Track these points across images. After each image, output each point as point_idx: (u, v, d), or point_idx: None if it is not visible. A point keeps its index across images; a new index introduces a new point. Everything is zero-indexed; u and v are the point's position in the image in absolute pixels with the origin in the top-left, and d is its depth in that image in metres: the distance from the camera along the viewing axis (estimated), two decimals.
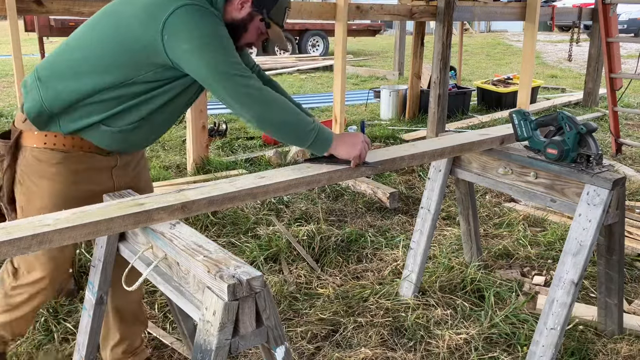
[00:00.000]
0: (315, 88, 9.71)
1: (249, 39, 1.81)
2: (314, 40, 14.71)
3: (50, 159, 1.73)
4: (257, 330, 1.33)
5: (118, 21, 1.65)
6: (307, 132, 1.72)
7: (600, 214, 2.07)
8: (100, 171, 1.82)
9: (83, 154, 1.76)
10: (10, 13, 3.31)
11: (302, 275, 2.98)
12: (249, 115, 1.66)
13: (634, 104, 7.83)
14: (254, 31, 1.80)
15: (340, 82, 4.61)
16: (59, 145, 1.73)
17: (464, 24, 8.91)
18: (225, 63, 1.62)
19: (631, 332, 2.49)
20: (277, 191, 1.75)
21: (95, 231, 1.42)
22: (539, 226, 3.69)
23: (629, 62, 11.61)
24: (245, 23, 1.77)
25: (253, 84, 1.65)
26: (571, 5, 9.47)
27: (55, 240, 1.35)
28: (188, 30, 1.57)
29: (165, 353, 2.38)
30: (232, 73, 1.62)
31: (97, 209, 1.49)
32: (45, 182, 1.75)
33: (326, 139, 1.77)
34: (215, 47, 1.60)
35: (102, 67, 1.65)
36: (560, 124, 2.21)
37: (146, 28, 1.59)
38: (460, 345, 2.41)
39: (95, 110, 1.70)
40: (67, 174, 1.75)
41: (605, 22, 4.98)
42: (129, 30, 1.62)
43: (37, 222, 1.38)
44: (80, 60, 1.68)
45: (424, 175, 4.62)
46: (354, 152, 1.80)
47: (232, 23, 1.75)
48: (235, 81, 1.62)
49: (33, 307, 1.93)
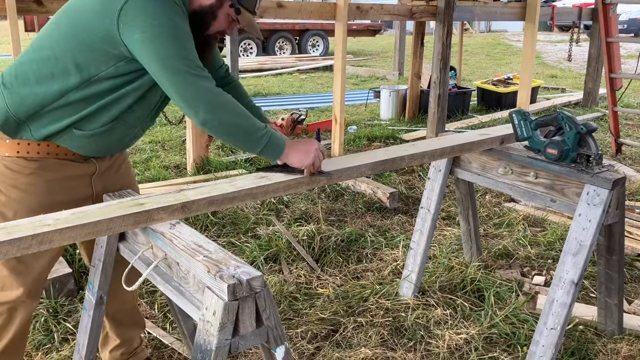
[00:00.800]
0: (315, 88, 9.71)
1: (219, 26, 1.72)
2: (314, 40, 14.71)
3: (23, 169, 1.66)
4: (257, 330, 1.33)
5: (76, 17, 1.58)
6: (258, 138, 1.63)
7: (600, 214, 2.07)
8: (77, 179, 1.75)
9: (58, 162, 1.69)
10: (10, 13, 3.30)
11: (302, 275, 2.98)
12: (195, 117, 1.56)
13: (634, 104, 7.83)
14: (224, 18, 1.70)
15: (340, 82, 4.61)
16: (33, 154, 1.66)
17: (464, 24, 8.91)
18: (177, 57, 1.52)
19: (631, 332, 2.49)
20: (277, 191, 1.75)
21: (96, 231, 1.41)
22: (539, 226, 3.69)
23: (629, 62, 11.61)
24: (213, 10, 1.67)
25: (204, 85, 1.55)
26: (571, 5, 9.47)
27: (55, 240, 1.35)
28: (142, 19, 1.49)
29: (165, 353, 2.38)
30: (182, 69, 1.52)
31: (97, 208, 1.48)
32: (18, 193, 1.67)
33: (278, 146, 1.68)
34: (167, 39, 1.51)
35: (64, 68, 1.58)
36: (560, 124, 2.21)
37: (103, 19, 1.51)
38: (460, 345, 2.41)
39: (64, 113, 1.63)
40: (41, 184, 1.68)
41: (605, 22, 4.98)
42: (87, 24, 1.54)
43: (37, 222, 1.37)
44: (42, 62, 1.60)
45: (424, 175, 4.62)
46: (307, 161, 1.71)
47: (200, 11, 1.66)
48: (184, 78, 1.52)
49: (16, 329, 1.81)
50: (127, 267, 1.64)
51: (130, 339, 2.18)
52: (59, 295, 2.71)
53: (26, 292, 1.77)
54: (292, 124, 6.03)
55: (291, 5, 4.55)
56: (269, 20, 13.00)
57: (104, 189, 1.82)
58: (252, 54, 13.26)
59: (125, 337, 2.16)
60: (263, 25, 13.38)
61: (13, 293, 1.76)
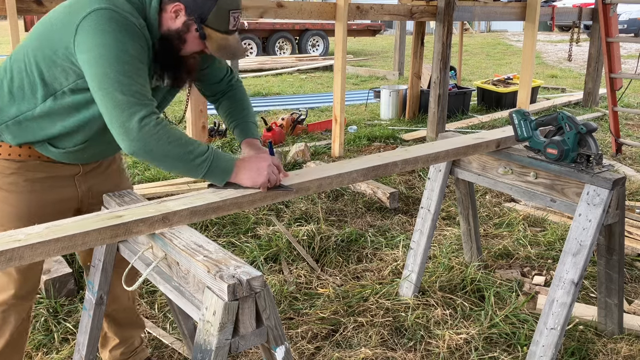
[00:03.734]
0: (315, 88, 9.71)
1: (191, 48, 1.63)
2: (314, 40, 14.72)
3: (4, 169, 1.65)
4: (257, 330, 1.33)
5: (45, 30, 1.56)
6: (196, 165, 1.54)
7: (600, 213, 2.07)
8: (61, 179, 1.73)
9: (40, 163, 1.68)
10: (10, 13, 3.31)
11: (302, 275, 2.98)
12: (122, 144, 1.49)
13: (634, 104, 7.83)
14: (194, 41, 1.61)
15: (340, 82, 4.61)
16: (14, 155, 1.65)
17: (464, 24, 8.91)
18: (114, 81, 1.44)
19: (631, 332, 2.49)
20: (265, 199, 1.68)
21: (70, 246, 1.34)
22: (539, 226, 3.69)
23: (629, 62, 11.61)
24: (180, 34, 1.59)
25: (136, 113, 1.45)
26: (571, 5, 9.47)
27: (26, 257, 1.27)
28: (92, 38, 1.44)
29: (165, 353, 2.38)
30: (116, 95, 1.44)
31: (73, 222, 1.41)
32: (1, 194, 1.66)
33: (223, 170, 1.59)
34: (109, 61, 1.44)
35: (33, 81, 1.56)
36: (560, 124, 2.21)
37: (64, 34, 1.49)
38: (460, 345, 2.41)
39: (36, 129, 1.62)
40: (24, 183, 1.67)
41: (605, 22, 4.98)
42: (51, 38, 1.52)
43: (7, 237, 1.29)
44: (14, 77, 1.59)
45: (424, 175, 4.62)
46: (259, 179, 1.62)
47: (167, 34, 1.59)
48: (117, 104, 1.45)
49: (12, 331, 1.80)
50: (127, 267, 1.64)
51: (129, 338, 2.18)
52: (59, 295, 2.71)
53: (19, 295, 1.77)
54: (292, 124, 6.03)
55: (291, 5, 4.55)
56: (269, 20, 13.00)
57: (89, 188, 1.81)
58: (252, 54, 13.25)
59: (124, 336, 2.16)
60: (263, 25, 13.39)
61: (6, 296, 1.76)
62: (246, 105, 1.96)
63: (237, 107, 1.94)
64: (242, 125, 1.92)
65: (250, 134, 1.91)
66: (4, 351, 1.82)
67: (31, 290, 1.83)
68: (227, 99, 1.95)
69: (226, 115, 1.95)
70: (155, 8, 1.57)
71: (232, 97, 1.95)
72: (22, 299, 1.79)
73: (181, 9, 1.57)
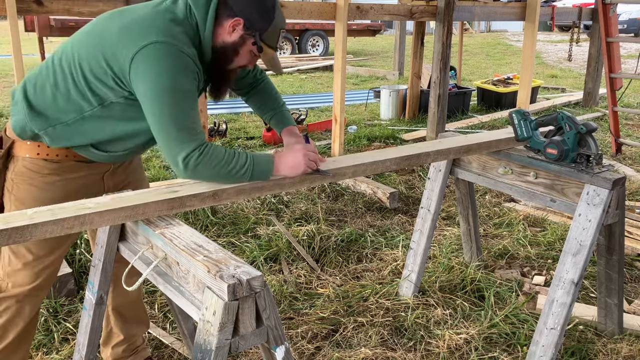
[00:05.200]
0: (315, 88, 9.71)
1: (241, 62, 1.75)
2: (314, 40, 14.72)
3: (42, 169, 1.71)
4: (257, 330, 1.33)
5: (97, 40, 1.61)
6: (240, 176, 1.67)
7: (600, 213, 2.07)
8: (91, 176, 1.81)
9: (75, 163, 1.75)
10: (10, 13, 3.30)
11: (302, 275, 2.98)
12: (177, 173, 1.64)
13: (634, 104, 7.83)
14: (246, 54, 1.73)
15: (340, 82, 4.61)
16: (52, 156, 1.71)
17: (464, 24, 8.91)
18: (171, 122, 1.57)
19: (631, 332, 2.49)
20: (304, 182, 1.83)
21: (132, 214, 1.53)
22: (539, 226, 3.69)
23: (629, 62, 11.61)
24: (236, 47, 1.70)
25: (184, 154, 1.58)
26: (571, 5, 9.46)
27: (95, 222, 1.47)
28: (149, 74, 1.54)
29: (165, 353, 2.38)
30: (170, 132, 1.57)
31: (135, 194, 1.60)
32: (36, 191, 1.72)
33: (265, 171, 1.71)
34: (167, 102, 1.55)
35: (79, 91, 1.62)
36: (560, 124, 2.21)
37: (121, 51, 1.55)
38: (460, 345, 2.41)
39: (84, 134, 1.68)
40: (59, 183, 1.74)
41: (605, 22, 4.98)
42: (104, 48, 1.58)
43: (80, 205, 1.49)
44: (60, 81, 1.64)
45: (424, 175, 4.62)
46: (299, 170, 1.76)
47: (222, 47, 1.69)
48: (171, 139, 1.58)
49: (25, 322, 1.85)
50: (127, 267, 1.64)
51: (133, 335, 2.19)
52: (59, 295, 2.71)
53: (37, 286, 1.81)
54: None
55: (291, 5, 4.55)
56: None
57: (115, 185, 1.88)
58: None
59: (129, 333, 2.17)
60: None
61: (25, 287, 1.80)
62: (276, 95, 2.07)
63: (269, 99, 2.05)
64: (278, 116, 2.03)
65: (288, 122, 2.02)
66: (14, 342, 1.86)
67: (49, 285, 1.88)
68: (257, 91, 2.04)
69: (259, 107, 2.06)
70: (210, 29, 1.66)
71: (262, 89, 2.05)
72: (40, 291, 1.85)
73: (240, 23, 1.67)
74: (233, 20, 1.66)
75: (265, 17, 1.69)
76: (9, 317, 1.82)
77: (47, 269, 1.81)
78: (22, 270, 1.78)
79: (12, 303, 1.81)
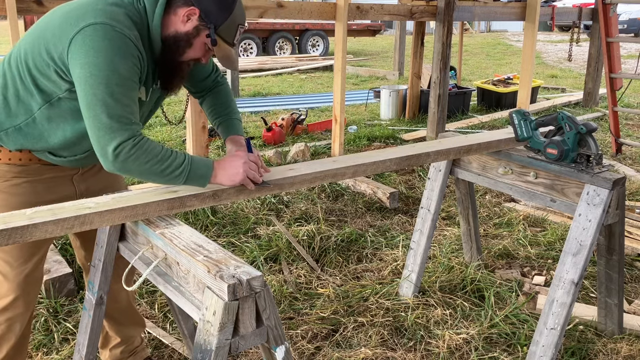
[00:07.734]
0: (315, 88, 9.71)
1: (193, 54, 1.67)
2: (314, 40, 14.72)
3: (5, 174, 1.67)
4: (257, 330, 1.33)
5: (40, 33, 1.55)
6: (174, 177, 1.58)
7: (600, 213, 2.07)
8: (61, 179, 1.76)
9: (41, 167, 1.70)
10: (10, 13, 3.30)
11: (302, 275, 2.98)
12: (104, 164, 1.53)
13: (634, 104, 7.83)
14: (200, 47, 1.65)
15: (340, 82, 4.61)
16: (14, 160, 1.67)
17: (464, 24, 8.91)
18: (102, 104, 1.46)
19: (631, 332, 2.49)
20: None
21: (132, 215, 1.52)
22: (539, 226, 3.69)
23: (629, 62, 11.61)
24: (189, 37, 1.61)
25: (119, 137, 1.48)
26: (571, 5, 9.46)
27: (95, 222, 1.46)
28: (84, 54, 1.45)
29: (165, 353, 2.38)
30: (102, 118, 1.47)
31: (135, 194, 1.61)
32: (3, 196, 1.68)
33: (201, 176, 1.62)
34: (100, 83, 1.46)
35: (27, 90, 1.57)
36: (560, 124, 2.21)
37: (60, 39, 1.49)
38: (460, 345, 2.41)
39: (36, 138, 1.63)
40: (26, 185, 1.69)
41: (605, 22, 4.98)
42: (46, 39, 1.52)
43: (80, 205, 1.49)
44: (10, 81, 1.59)
45: (424, 175, 4.62)
46: (237, 178, 1.65)
47: (174, 36, 1.61)
48: (102, 127, 1.48)
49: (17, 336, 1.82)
50: (127, 267, 1.64)
51: (130, 337, 2.18)
52: (59, 295, 2.71)
53: (22, 297, 1.78)
54: (292, 124, 6.04)
55: (291, 5, 4.55)
56: (269, 20, 13.00)
57: (86, 188, 1.83)
58: (252, 54, 13.26)
59: (125, 335, 2.17)
60: (263, 25, 13.39)
61: (8, 298, 1.77)
62: (230, 102, 1.97)
63: (221, 104, 1.95)
64: (226, 122, 1.93)
65: (234, 131, 1.91)
66: (9, 354, 1.84)
67: (33, 296, 1.85)
68: (212, 95, 1.96)
69: (210, 111, 1.96)
70: (159, 14, 1.59)
71: (217, 94, 1.96)
72: (25, 300, 1.81)
73: (195, 13, 1.59)
74: (188, 9, 1.59)
75: (223, 10, 1.61)
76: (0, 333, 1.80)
77: (28, 278, 1.78)
78: (3, 283, 1.75)
79: (1, 321, 1.79)
